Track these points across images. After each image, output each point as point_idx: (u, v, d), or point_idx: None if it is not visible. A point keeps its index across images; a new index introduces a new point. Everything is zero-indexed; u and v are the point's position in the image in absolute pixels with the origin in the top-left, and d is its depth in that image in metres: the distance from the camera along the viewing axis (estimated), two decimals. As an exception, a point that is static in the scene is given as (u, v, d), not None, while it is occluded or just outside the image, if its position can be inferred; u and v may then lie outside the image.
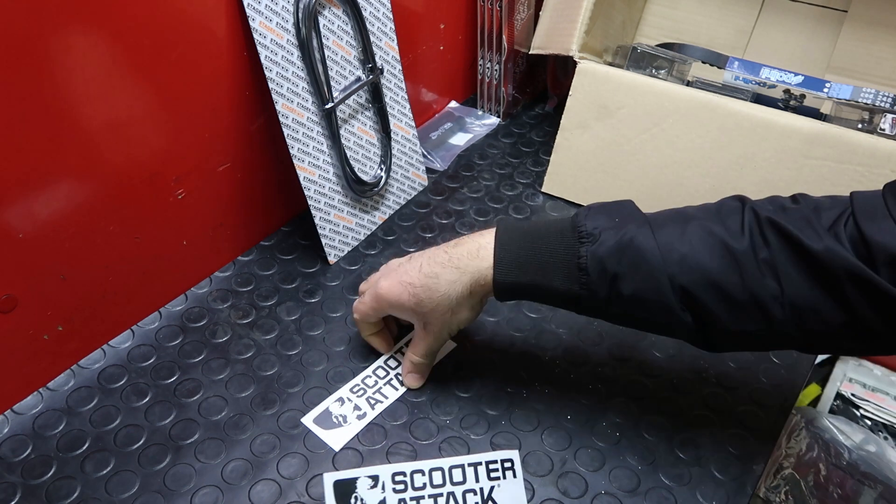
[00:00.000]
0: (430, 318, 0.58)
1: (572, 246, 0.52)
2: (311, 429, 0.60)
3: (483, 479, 0.50)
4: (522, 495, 0.51)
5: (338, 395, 0.63)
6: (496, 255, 0.54)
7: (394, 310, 0.60)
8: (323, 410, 0.62)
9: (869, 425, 1.04)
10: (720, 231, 0.49)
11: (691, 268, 0.49)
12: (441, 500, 0.50)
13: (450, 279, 0.55)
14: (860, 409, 1.06)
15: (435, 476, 0.50)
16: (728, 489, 0.57)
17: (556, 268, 0.52)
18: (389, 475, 0.49)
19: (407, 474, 0.50)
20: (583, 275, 0.51)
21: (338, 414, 0.61)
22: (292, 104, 0.69)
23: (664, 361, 0.68)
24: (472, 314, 0.58)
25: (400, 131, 0.83)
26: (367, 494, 0.49)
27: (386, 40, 0.78)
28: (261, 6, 0.64)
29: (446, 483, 0.50)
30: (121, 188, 0.62)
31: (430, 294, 0.56)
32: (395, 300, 0.58)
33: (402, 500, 0.49)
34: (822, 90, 0.83)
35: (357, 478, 0.49)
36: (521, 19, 0.98)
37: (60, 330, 0.62)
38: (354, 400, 0.62)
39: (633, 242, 0.50)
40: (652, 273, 0.49)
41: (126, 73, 0.59)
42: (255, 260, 0.78)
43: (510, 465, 0.51)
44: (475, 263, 0.55)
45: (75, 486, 0.56)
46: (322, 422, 0.61)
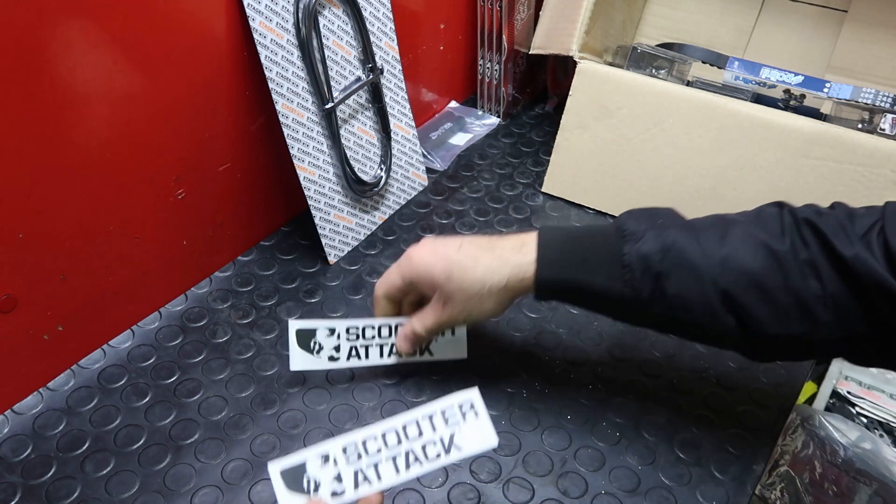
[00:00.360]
0: (454, 297, 0.55)
1: (615, 244, 0.51)
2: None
3: (441, 428, 0.48)
4: (491, 433, 0.48)
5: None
6: (539, 251, 0.53)
7: (421, 278, 0.57)
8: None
9: (865, 423, 1.04)
10: (761, 233, 0.49)
11: (733, 269, 0.48)
12: (400, 460, 0.47)
13: (489, 266, 0.54)
14: (856, 407, 1.06)
15: (389, 438, 0.47)
16: (728, 489, 0.57)
17: (600, 265, 0.51)
18: (340, 449, 0.47)
19: (358, 444, 0.47)
20: (626, 272, 0.50)
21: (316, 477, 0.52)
22: (292, 104, 0.69)
23: (664, 361, 0.68)
24: (497, 309, 0.56)
25: (400, 131, 0.83)
26: (319, 473, 0.46)
27: (386, 40, 0.78)
28: (261, 6, 0.64)
29: (402, 441, 0.47)
30: (121, 188, 0.62)
31: (463, 273, 0.54)
32: (425, 267, 0.56)
33: (357, 470, 0.46)
34: (822, 90, 0.83)
35: (305, 461, 0.46)
36: (521, 19, 0.98)
37: (60, 330, 0.62)
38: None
39: (676, 244, 0.49)
40: (695, 273, 0.49)
41: (126, 72, 0.59)
42: (255, 260, 0.78)
43: (469, 406, 0.48)
44: (517, 257, 0.54)
45: (75, 486, 0.56)
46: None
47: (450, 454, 0.47)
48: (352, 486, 0.46)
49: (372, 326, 0.61)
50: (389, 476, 0.47)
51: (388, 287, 0.60)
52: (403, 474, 0.47)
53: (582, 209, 0.87)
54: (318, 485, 0.46)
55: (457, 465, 0.58)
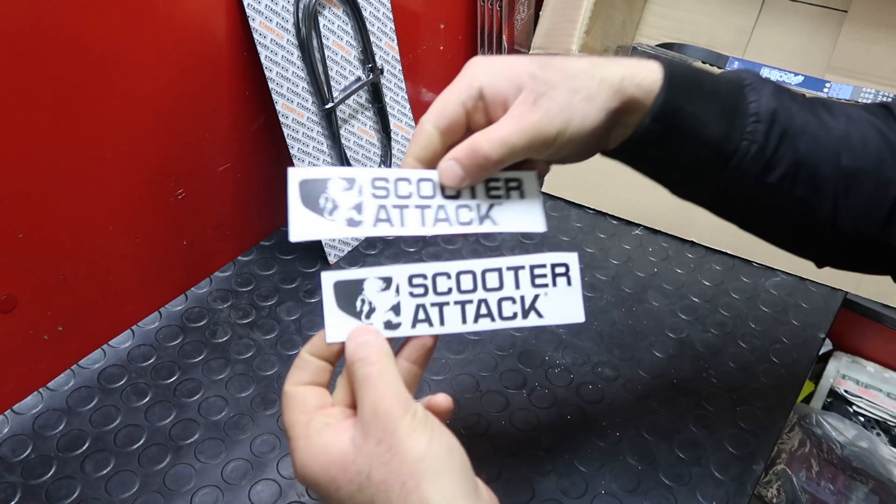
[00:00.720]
0: (556, 87, 0.40)
1: (737, 90, 0.42)
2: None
3: (525, 286, 0.41)
4: (579, 307, 0.42)
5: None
6: (664, 64, 0.42)
7: (500, 76, 0.41)
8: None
9: (862, 422, 1.04)
10: (875, 119, 0.43)
11: (852, 149, 0.42)
12: (470, 308, 0.41)
13: (596, 60, 0.41)
14: (853, 406, 1.06)
15: (464, 280, 0.40)
16: (728, 489, 0.57)
17: (722, 110, 0.41)
18: (406, 277, 0.40)
19: (428, 276, 0.40)
20: (752, 122, 0.41)
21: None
22: (292, 104, 0.69)
23: (664, 361, 0.68)
24: (600, 125, 0.40)
25: (400, 131, 0.83)
26: (377, 298, 0.40)
27: (386, 40, 0.78)
28: (261, 6, 0.64)
29: (477, 288, 0.41)
30: (121, 188, 0.62)
31: (565, 61, 0.41)
32: (507, 62, 0.42)
33: (420, 305, 0.40)
34: (822, 90, 0.83)
35: (364, 279, 0.40)
36: (521, 19, 0.98)
37: (60, 330, 0.62)
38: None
39: (795, 105, 0.42)
40: (816, 142, 0.42)
41: (126, 73, 0.58)
42: (255, 260, 0.78)
43: (563, 271, 0.42)
44: (634, 63, 0.41)
45: (75, 486, 0.56)
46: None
47: (527, 318, 0.41)
48: (409, 321, 0.40)
49: (407, 180, 0.42)
50: (453, 322, 0.40)
51: (445, 106, 0.42)
52: (469, 325, 0.41)
53: (582, 209, 0.87)
54: (373, 310, 0.40)
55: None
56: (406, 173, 0.42)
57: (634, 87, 0.40)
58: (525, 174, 0.43)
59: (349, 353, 0.39)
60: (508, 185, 0.43)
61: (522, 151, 0.41)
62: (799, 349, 0.70)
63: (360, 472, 0.35)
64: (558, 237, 0.83)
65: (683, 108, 0.41)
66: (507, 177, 0.43)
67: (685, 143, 0.42)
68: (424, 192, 0.41)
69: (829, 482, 0.94)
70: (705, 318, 0.73)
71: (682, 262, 0.80)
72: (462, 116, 0.42)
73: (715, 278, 0.78)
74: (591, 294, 0.76)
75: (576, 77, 0.40)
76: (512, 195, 0.42)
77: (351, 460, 0.35)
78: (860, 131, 0.43)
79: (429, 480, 0.34)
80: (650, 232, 0.83)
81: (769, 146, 0.41)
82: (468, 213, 0.42)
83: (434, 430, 0.36)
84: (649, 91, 0.41)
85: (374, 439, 0.35)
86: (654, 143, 0.42)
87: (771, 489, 0.96)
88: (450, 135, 0.42)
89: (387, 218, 0.41)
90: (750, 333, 0.71)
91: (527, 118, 0.40)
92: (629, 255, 0.80)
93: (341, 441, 0.36)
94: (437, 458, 0.35)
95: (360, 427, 0.36)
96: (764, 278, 0.78)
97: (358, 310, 0.40)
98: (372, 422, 0.36)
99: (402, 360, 0.40)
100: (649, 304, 0.74)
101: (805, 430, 0.98)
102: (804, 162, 0.42)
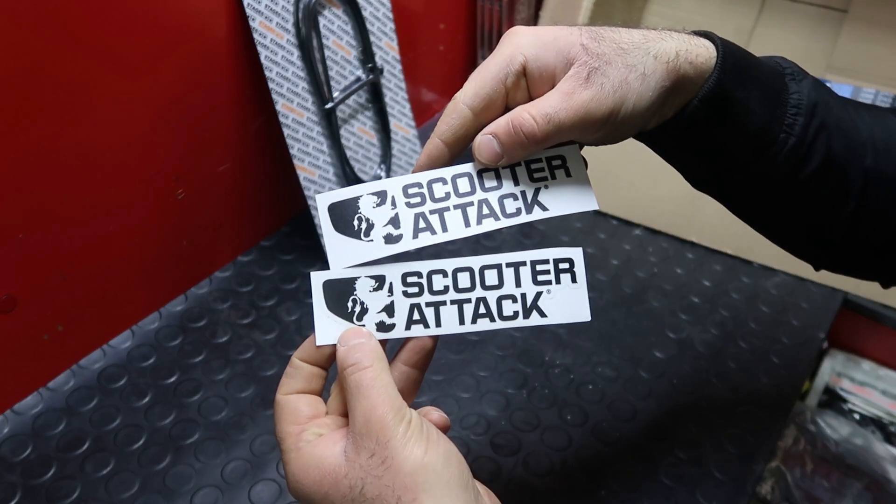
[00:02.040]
0: (611, 63, 0.36)
1: (778, 77, 0.40)
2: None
3: (527, 284, 0.39)
4: (584, 306, 0.40)
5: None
6: (720, 42, 0.39)
7: (548, 47, 0.37)
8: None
9: (857, 419, 1.05)
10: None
11: (879, 151, 0.41)
12: (467, 308, 0.39)
13: (648, 34, 0.38)
14: (848, 403, 1.07)
15: (461, 278, 0.39)
16: (728, 489, 0.57)
17: (763, 98, 0.39)
18: (399, 275, 0.38)
19: (423, 275, 0.38)
20: (792, 114, 0.39)
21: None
22: (292, 104, 0.69)
23: (664, 361, 0.68)
24: (653, 104, 0.38)
25: (400, 131, 0.83)
26: (369, 298, 0.38)
27: (386, 40, 0.78)
28: (261, 6, 0.64)
29: (476, 287, 0.39)
30: (121, 188, 0.62)
31: (617, 33, 0.38)
32: (553, 32, 0.38)
33: (414, 305, 0.38)
34: (822, 90, 0.83)
35: (356, 278, 0.38)
36: (521, 19, 0.98)
37: (60, 330, 0.62)
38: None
39: (832, 100, 0.41)
40: (848, 140, 0.40)
41: (126, 73, 0.58)
42: (255, 260, 0.78)
43: (568, 267, 0.39)
44: (687, 38, 0.39)
45: (75, 486, 0.56)
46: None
47: (529, 318, 0.39)
48: (404, 322, 0.38)
49: (442, 180, 0.39)
50: (450, 323, 0.39)
51: (483, 84, 0.38)
52: (468, 326, 0.39)
53: (582, 209, 0.87)
54: (366, 310, 0.38)
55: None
56: (440, 173, 0.39)
57: (688, 65, 0.37)
58: (567, 149, 0.40)
59: (340, 358, 0.37)
60: (552, 164, 0.39)
61: (570, 131, 0.37)
62: (799, 349, 0.70)
63: (353, 486, 0.33)
64: (558, 237, 0.83)
65: (732, 93, 0.38)
66: (548, 155, 0.39)
67: (726, 131, 0.39)
68: (462, 188, 0.39)
69: (824, 479, 0.94)
70: (705, 318, 0.73)
71: (682, 262, 0.80)
72: (501, 95, 0.38)
73: (715, 278, 0.78)
74: (591, 294, 0.75)
75: (629, 52, 0.37)
76: (558, 175, 0.39)
77: (343, 474, 0.34)
78: (885, 133, 0.41)
79: (426, 493, 0.32)
80: (650, 232, 0.83)
81: (806, 140, 0.39)
82: (514, 203, 0.39)
83: (430, 439, 0.34)
84: (701, 70, 0.38)
85: (367, 451, 0.33)
86: (694, 128, 0.39)
87: (765, 486, 0.96)
88: (486, 114, 0.38)
89: (427, 226, 0.39)
90: (750, 333, 0.71)
91: (579, 95, 0.36)
92: (629, 255, 0.80)
93: (333, 453, 0.34)
94: (434, 469, 0.33)
95: (352, 438, 0.34)
96: (764, 278, 0.78)
97: (349, 310, 0.38)
98: (364, 433, 0.34)
99: (399, 364, 0.38)
100: (649, 304, 0.74)
101: (799, 427, 0.98)
102: (836, 160, 0.40)
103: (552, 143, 0.38)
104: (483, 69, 0.38)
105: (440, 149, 0.39)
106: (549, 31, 0.38)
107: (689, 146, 0.42)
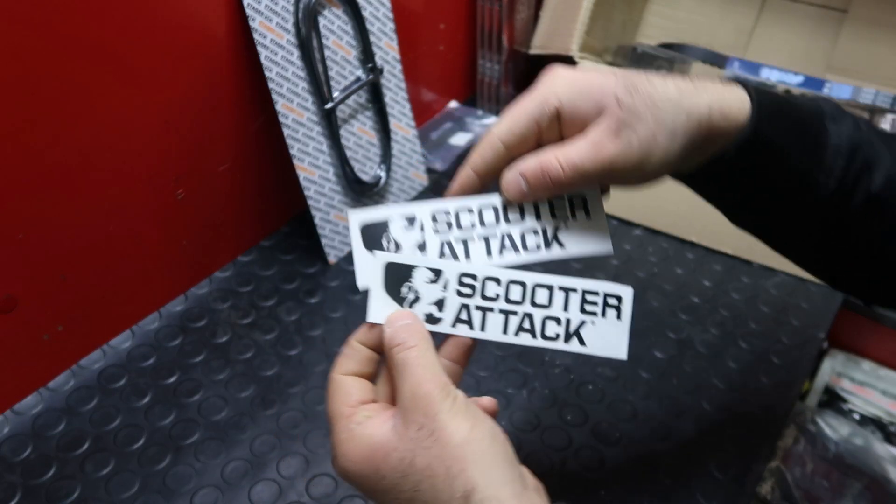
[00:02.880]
0: (640, 117, 0.38)
1: (817, 118, 0.40)
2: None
3: (573, 310, 0.40)
4: (623, 344, 0.41)
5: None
6: (753, 93, 0.40)
7: (582, 94, 0.39)
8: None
9: (857, 419, 1.05)
10: None
11: None
12: (513, 320, 0.40)
13: (681, 85, 0.39)
14: (848, 403, 1.07)
15: (513, 290, 0.40)
16: (728, 489, 0.57)
17: (801, 139, 0.40)
18: (456, 274, 0.40)
19: (479, 278, 0.40)
20: (833, 153, 0.39)
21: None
22: (292, 104, 0.69)
23: (665, 361, 0.68)
24: (679, 158, 0.39)
25: (400, 131, 0.83)
26: (424, 289, 0.40)
27: (386, 40, 0.78)
28: (261, 6, 0.64)
29: (525, 301, 0.40)
30: (121, 188, 0.62)
31: (652, 86, 0.38)
32: (587, 79, 0.40)
33: (464, 305, 0.40)
34: (822, 90, 0.83)
35: (415, 266, 0.40)
36: (521, 19, 0.98)
37: (60, 330, 0.62)
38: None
39: (874, 138, 0.41)
40: (892, 178, 0.40)
41: (126, 72, 0.58)
42: (255, 260, 0.78)
43: (615, 303, 0.41)
44: (719, 88, 0.39)
45: (75, 486, 0.56)
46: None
47: (569, 343, 0.41)
48: (451, 319, 0.40)
49: (469, 210, 0.42)
50: (494, 330, 0.41)
51: (517, 121, 0.40)
52: (510, 336, 0.41)
53: (582, 209, 0.87)
54: (418, 299, 0.40)
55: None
56: (468, 202, 0.42)
57: (721, 118, 0.39)
58: (589, 192, 0.42)
59: (387, 338, 0.38)
60: (573, 203, 0.42)
61: (593, 179, 0.39)
62: (799, 349, 0.70)
63: (403, 458, 0.34)
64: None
65: (770, 140, 0.39)
66: (570, 194, 0.41)
67: (765, 176, 0.40)
68: (487, 219, 0.41)
69: (824, 479, 0.94)
70: (705, 318, 0.73)
71: (682, 262, 0.80)
72: (534, 133, 0.40)
73: (715, 278, 0.78)
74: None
75: (662, 108, 0.38)
76: (577, 215, 0.41)
77: (393, 447, 0.35)
78: None
79: (474, 465, 0.33)
80: (650, 232, 0.83)
81: (847, 181, 0.40)
82: (534, 238, 0.41)
83: (477, 416, 0.35)
84: (734, 121, 0.39)
85: (415, 425, 0.34)
86: (731, 174, 0.41)
87: (765, 486, 0.96)
88: (517, 149, 0.41)
89: (451, 253, 0.41)
90: (750, 333, 0.71)
91: (606, 148, 0.38)
92: (629, 255, 0.80)
93: (382, 431, 0.36)
94: (481, 443, 0.34)
95: (400, 413, 0.36)
96: (764, 278, 0.78)
97: (402, 296, 0.40)
98: (411, 407, 0.35)
99: (441, 358, 0.39)
100: (649, 304, 0.74)
101: (799, 427, 0.98)
102: (880, 198, 0.40)
103: (576, 189, 0.41)
104: (519, 107, 0.40)
105: (472, 179, 0.42)
106: (585, 77, 0.40)
107: (726, 190, 0.43)
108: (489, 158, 0.41)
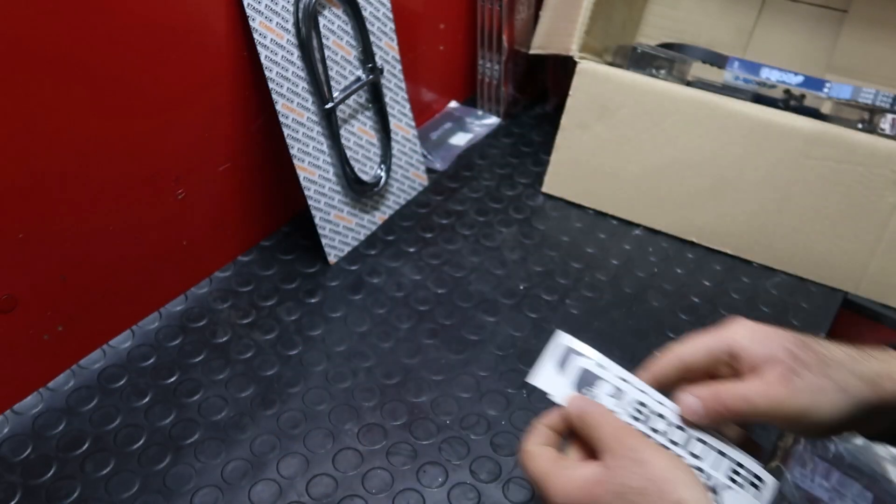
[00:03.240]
0: (808, 370, 0.42)
1: None
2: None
3: (721, 473, 0.43)
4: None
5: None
6: None
7: (754, 345, 0.44)
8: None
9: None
10: None
11: None
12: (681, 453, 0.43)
13: (851, 355, 0.43)
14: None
15: (675, 433, 0.44)
16: (728, 489, 0.57)
17: None
18: (635, 399, 0.45)
19: (651, 409, 0.44)
20: None
21: None
22: (292, 104, 0.69)
23: (664, 361, 0.68)
24: (852, 417, 0.42)
25: (400, 131, 0.83)
26: (602, 398, 0.45)
27: (386, 40, 0.78)
28: (261, 6, 0.64)
29: (681, 446, 0.43)
30: (121, 188, 0.62)
31: (823, 347, 0.43)
32: (765, 333, 0.45)
33: (637, 411, 0.45)
34: (822, 90, 0.83)
35: (601, 379, 0.46)
36: (521, 19, 0.98)
37: (60, 330, 0.62)
38: None
39: None
40: None
41: (126, 72, 0.59)
42: (255, 260, 0.78)
43: (759, 483, 0.43)
44: (890, 360, 0.43)
45: (75, 486, 0.56)
46: None
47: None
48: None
49: (666, 420, 0.45)
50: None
51: (697, 350, 0.46)
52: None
53: (582, 209, 0.87)
54: (594, 391, 0.46)
55: (457, 464, 0.58)
56: (668, 411, 0.45)
57: (892, 384, 0.42)
58: (770, 479, 0.44)
59: (574, 412, 0.44)
60: (753, 477, 0.44)
61: (762, 415, 0.43)
62: (799, 349, 0.70)
63: (622, 483, 0.39)
64: (559, 237, 0.83)
65: None
66: (755, 471, 0.44)
67: None
68: (675, 437, 0.44)
69: (824, 479, 0.94)
70: (705, 318, 0.73)
71: (682, 262, 0.80)
72: (707, 364, 0.46)
73: (715, 278, 0.78)
74: (590, 294, 0.76)
75: (831, 366, 0.42)
76: (748, 489, 0.43)
77: (608, 479, 0.39)
78: None
79: (682, 484, 0.38)
80: (650, 232, 0.83)
81: None
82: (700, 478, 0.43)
83: (668, 453, 0.41)
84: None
85: (624, 459, 0.39)
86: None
87: (767, 487, 0.96)
88: (690, 372, 0.46)
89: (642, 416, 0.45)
90: (750, 333, 0.71)
91: (776, 390, 0.42)
92: (629, 255, 0.80)
93: (592, 468, 0.40)
94: (681, 470, 0.39)
95: (607, 454, 0.40)
96: (764, 278, 0.78)
97: (578, 381, 0.47)
98: (617, 446, 0.40)
99: None
100: (649, 304, 0.74)
101: (801, 428, 0.99)
102: None
103: (745, 421, 0.47)
104: (699, 340, 0.46)
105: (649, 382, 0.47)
106: (764, 330, 0.45)
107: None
108: (668, 372, 0.46)
